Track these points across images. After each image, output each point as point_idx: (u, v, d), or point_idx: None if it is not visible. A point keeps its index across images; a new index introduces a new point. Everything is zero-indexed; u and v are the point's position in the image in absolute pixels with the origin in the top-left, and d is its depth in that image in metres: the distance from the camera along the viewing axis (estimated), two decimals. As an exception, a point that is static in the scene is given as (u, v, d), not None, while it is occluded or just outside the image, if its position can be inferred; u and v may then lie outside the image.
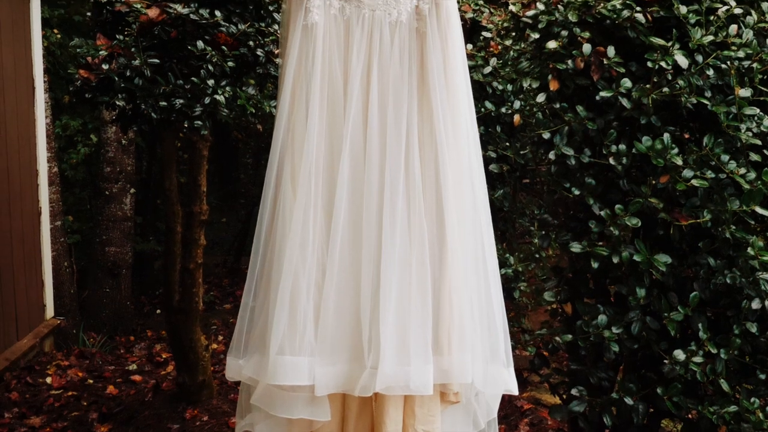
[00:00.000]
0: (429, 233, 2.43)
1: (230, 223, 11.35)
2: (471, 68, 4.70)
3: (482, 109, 4.59)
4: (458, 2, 5.31)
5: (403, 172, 2.40)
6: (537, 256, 4.80)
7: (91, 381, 5.80)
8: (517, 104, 4.26)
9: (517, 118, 3.98)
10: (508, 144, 4.65)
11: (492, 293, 2.52)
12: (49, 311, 6.48)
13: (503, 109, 4.74)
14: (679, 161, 2.99)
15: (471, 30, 5.21)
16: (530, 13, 3.40)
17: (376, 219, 2.39)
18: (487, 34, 4.81)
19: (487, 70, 4.71)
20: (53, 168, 6.94)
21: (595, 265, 3.09)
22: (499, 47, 4.67)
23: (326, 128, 2.44)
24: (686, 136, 3.20)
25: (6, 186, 5.52)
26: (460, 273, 2.44)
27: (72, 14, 8.39)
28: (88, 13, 4.01)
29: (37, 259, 6.19)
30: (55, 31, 8.08)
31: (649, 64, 3.06)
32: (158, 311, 8.72)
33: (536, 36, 3.34)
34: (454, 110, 2.48)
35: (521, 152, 4.27)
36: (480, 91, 4.77)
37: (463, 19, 5.11)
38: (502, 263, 5.04)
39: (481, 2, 5.42)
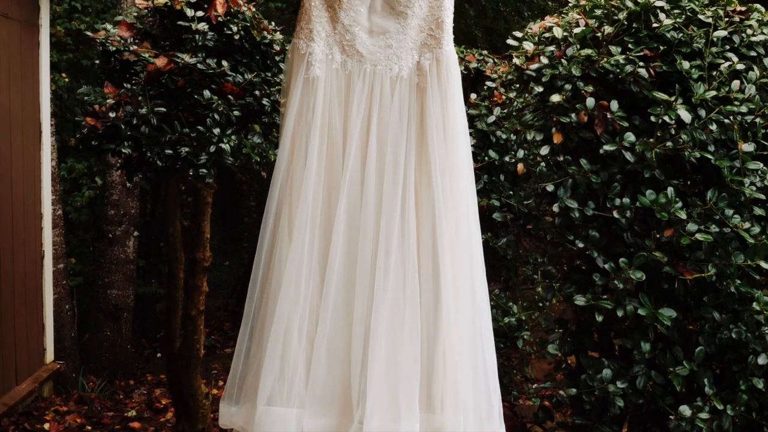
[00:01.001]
0: (424, 288, 2.42)
1: (233, 267, 11.33)
2: (475, 117, 4.74)
3: (486, 158, 4.62)
4: (463, 52, 5.37)
5: (398, 225, 2.40)
6: (541, 304, 4.78)
7: (89, 428, 5.74)
8: (520, 153, 4.30)
9: (520, 167, 4.00)
10: (511, 192, 4.66)
11: (486, 351, 2.51)
12: (49, 355, 6.44)
13: (507, 158, 4.75)
14: (683, 215, 2.99)
15: (475, 79, 5.25)
16: (534, 66, 3.43)
17: (370, 272, 2.40)
18: (491, 84, 4.85)
19: (491, 119, 4.73)
20: (57, 210, 6.95)
21: (599, 318, 3.08)
22: (503, 97, 4.71)
23: (324, 178, 2.46)
24: (692, 188, 3.21)
25: (10, 229, 5.52)
26: (455, 330, 2.42)
27: (80, 59, 8.49)
28: (97, 61, 4.03)
29: (39, 302, 6.16)
30: (64, 75, 8.17)
31: (653, 118, 3.08)
32: (159, 355, 8.65)
33: (540, 89, 3.37)
34: (453, 165, 2.49)
35: (525, 201, 4.28)
36: (484, 140, 4.79)
37: (467, 68, 5.16)
38: (506, 312, 5.02)
39: (485, 52, 5.48)
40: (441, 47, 2.49)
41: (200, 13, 3.72)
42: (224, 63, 3.68)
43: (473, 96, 4.84)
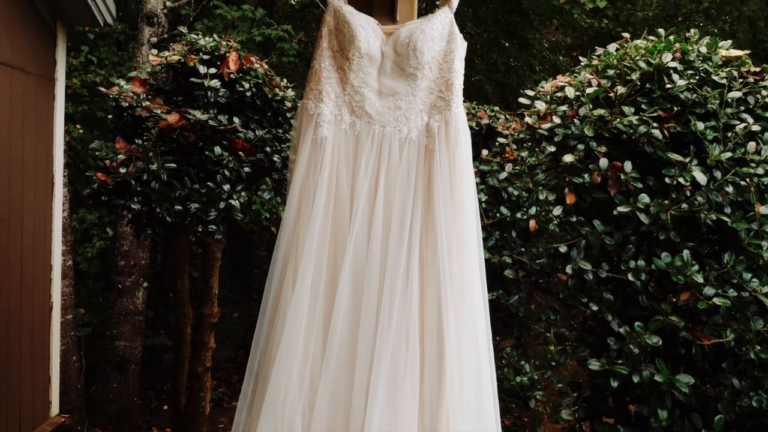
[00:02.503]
0: (427, 352, 2.37)
1: (242, 318, 11.25)
2: (486, 173, 4.71)
3: (497, 215, 4.57)
4: (474, 108, 5.37)
5: (401, 287, 2.36)
6: (553, 363, 4.69)
7: (92, 483, 5.63)
8: (532, 210, 4.25)
9: (532, 223, 3.95)
10: (523, 249, 4.60)
11: (491, 416, 2.44)
12: (55, 408, 6.34)
13: (518, 215, 4.70)
14: (699, 278, 2.93)
15: (486, 135, 5.25)
16: (546, 125, 3.41)
17: (372, 335, 2.35)
18: (503, 140, 4.84)
19: (503, 175, 4.70)
20: (68, 261, 6.94)
21: (614, 384, 2.99)
22: (515, 154, 4.69)
23: (330, 237, 2.43)
24: (708, 250, 3.14)
25: (19, 280, 5.49)
26: (458, 396, 2.36)
27: (95, 110, 8.57)
28: (110, 116, 4.05)
29: (46, 354, 6.10)
30: (78, 126, 8.23)
31: (667, 179, 3.04)
32: (165, 407, 8.55)
33: (552, 148, 3.34)
34: (460, 229, 2.45)
35: (537, 260, 4.22)
36: (495, 196, 4.76)
37: (478, 124, 5.15)
38: (517, 371, 4.92)
39: (497, 108, 5.48)
40: (450, 109, 2.46)
41: (213, 70, 3.74)
42: (236, 119, 3.68)
43: (485, 152, 4.82)
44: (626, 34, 3.75)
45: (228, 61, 3.73)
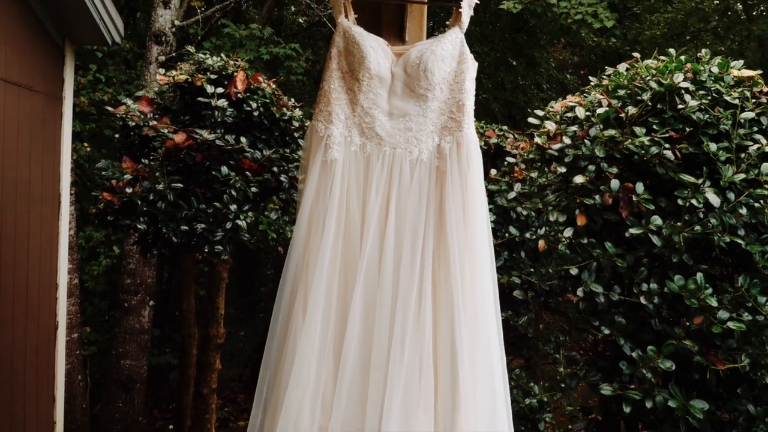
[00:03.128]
0: (441, 377, 2.32)
1: (248, 337, 11.20)
2: (495, 193, 4.67)
3: (506, 234, 4.53)
4: (483, 127, 5.34)
5: (414, 311, 2.32)
6: (563, 384, 4.63)
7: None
8: (541, 230, 4.21)
9: (541, 243, 3.91)
10: (532, 270, 4.56)
11: None
12: (59, 428, 6.29)
13: (527, 234, 4.66)
14: (713, 302, 2.88)
15: (495, 155, 5.21)
16: (556, 146, 3.37)
17: (385, 359, 2.30)
18: (512, 159, 4.80)
19: (512, 195, 4.66)
20: (74, 279, 6.92)
21: (627, 409, 2.94)
22: (524, 173, 4.65)
23: (341, 260, 2.38)
24: (722, 273, 3.09)
25: (24, 300, 5.46)
26: (473, 423, 2.31)
27: (103, 128, 8.58)
28: (117, 135, 4.03)
29: (51, 374, 6.05)
30: (86, 144, 8.24)
31: (680, 201, 2.99)
32: (171, 426, 8.48)
33: (563, 169, 3.30)
34: (472, 250, 2.41)
35: (546, 280, 4.18)
36: (504, 216, 4.71)
37: (487, 144, 5.12)
38: (526, 392, 4.85)
39: (505, 128, 5.45)
40: (462, 130, 2.43)
41: (220, 90, 3.72)
42: (243, 139, 3.66)
43: (493, 171, 4.79)
44: (636, 54, 3.72)
45: (235, 80, 3.71)
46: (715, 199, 2.97)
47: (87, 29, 5.92)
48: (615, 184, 3.09)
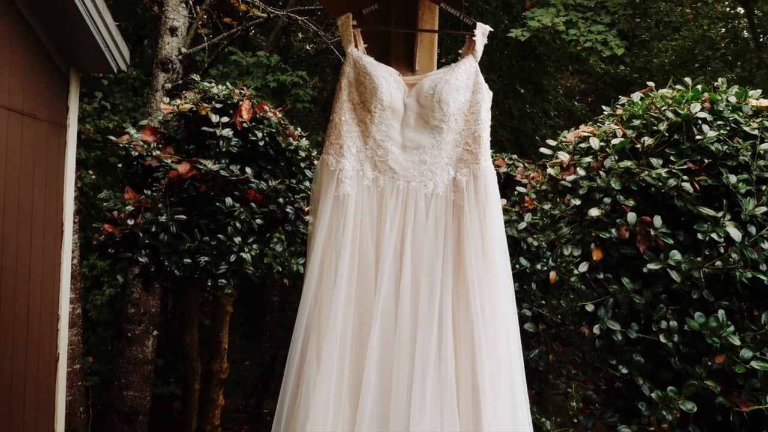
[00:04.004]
0: (463, 425, 2.20)
1: (253, 366, 11.05)
2: (505, 223, 4.57)
3: (517, 266, 4.42)
4: (492, 156, 5.26)
5: (435, 355, 2.20)
6: (575, 420, 4.50)
7: None
8: (552, 261, 4.10)
9: (553, 275, 3.80)
10: (543, 302, 4.44)
11: None
12: (59, 462, 6.16)
13: (538, 266, 4.55)
14: (736, 340, 2.76)
15: (505, 184, 5.12)
16: (570, 177, 3.28)
17: (405, 407, 2.18)
18: (522, 189, 4.71)
19: (522, 225, 4.55)
20: (76, 309, 6.82)
21: (646, 452, 2.81)
22: (534, 202, 4.55)
23: (355, 304, 2.27)
24: (744, 309, 2.98)
25: (25, 331, 5.36)
26: None
27: (108, 156, 8.53)
28: (119, 164, 3.95)
29: (51, 408, 5.93)
30: (91, 172, 8.18)
31: (700, 235, 2.89)
32: (173, 460, 8.34)
33: (577, 202, 3.20)
34: (492, 288, 2.30)
35: (557, 311, 4.07)
36: (514, 247, 4.60)
37: (497, 173, 5.03)
38: (538, 428, 4.71)
39: (515, 156, 5.36)
40: (478, 163, 2.34)
41: (225, 119, 3.64)
42: (248, 169, 3.57)
43: (503, 201, 4.69)
44: (651, 83, 3.64)
45: (241, 109, 3.63)
46: (736, 233, 2.86)
47: (92, 57, 5.87)
48: (632, 217, 2.99)
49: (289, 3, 10.15)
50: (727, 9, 11.29)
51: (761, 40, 9.92)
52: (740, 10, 10.92)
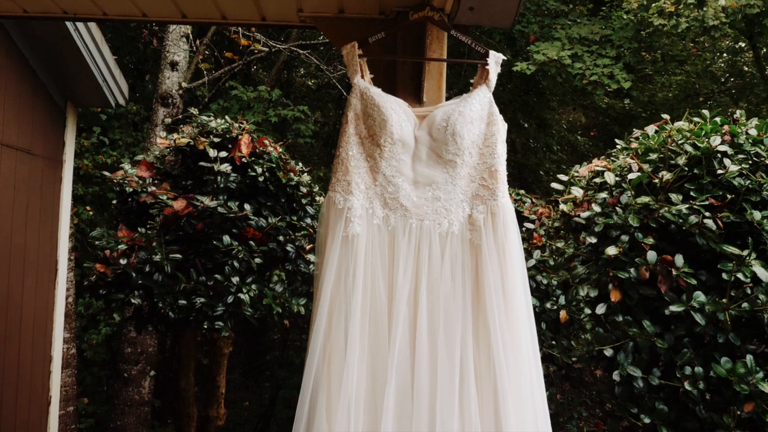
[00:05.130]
0: None
1: (253, 406, 10.80)
2: (513, 261, 4.42)
3: (526, 305, 4.26)
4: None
5: (458, 411, 2.03)
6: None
7: None
8: (562, 299, 3.94)
9: (563, 314, 3.65)
10: (553, 342, 4.27)
11: None
12: None
13: (548, 305, 4.38)
14: (765, 387, 2.58)
15: (512, 220, 4.97)
16: (585, 214, 3.12)
17: None
18: (530, 225, 4.56)
19: (531, 263, 4.40)
20: (71, 349, 6.63)
21: None
22: (543, 239, 4.40)
23: (368, 356, 2.09)
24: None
25: (15, 374, 5.18)
26: None
27: (106, 191, 8.39)
28: (114, 201, 3.80)
29: (42, 452, 5.72)
30: (88, 208, 8.04)
31: (725, 275, 2.72)
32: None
33: (593, 240, 3.04)
34: (514, 334, 2.13)
35: (569, 352, 3.90)
36: (523, 286, 4.44)
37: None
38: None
39: (522, 192, 5.22)
40: (496, 199, 2.18)
41: (224, 154, 3.50)
42: (247, 206, 3.42)
43: (511, 238, 4.54)
44: (666, 116, 3.50)
45: (240, 144, 3.50)
46: (763, 273, 2.70)
47: (90, 91, 5.77)
48: (652, 256, 2.83)
49: (291, 37, 10.10)
50: (729, 42, 11.25)
51: (767, 72, 9.84)
52: (742, 44, 10.88)
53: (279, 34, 10.65)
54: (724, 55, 11.55)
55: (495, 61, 2.29)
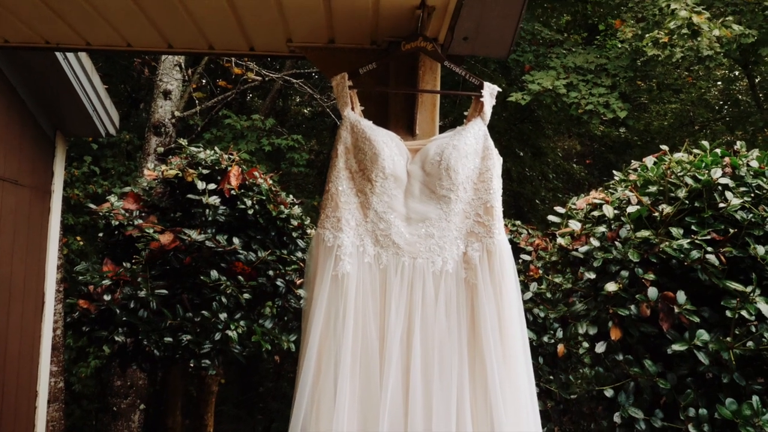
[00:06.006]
0: None
1: (245, 440, 10.62)
2: (510, 294, 4.32)
3: (522, 339, 4.16)
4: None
5: None
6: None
7: None
8: (560, 333, 3.84)
9: (560, 348, 3.54)
10: (551, 377, 4.16)
11: None
12: None
13: (545, 338, 4.28)
14: (773, 430, 2.48)
15: (508, 252, 4.88)
16: (583, 248, 3.04)
17: None
18: (526, 257, 4.47)
19: (527, 296, 4.30)
20: (59, 383, 6.48)
21: None
22: (539, 271, 4.31)
23: (359, 402, 1.99)
24: None
25: (-1, 409, 5.04)
26: None
27: (98, 221, 8.28)
28: (100, 234, 3.70)
29: (26, 492, 5.56)
30: (78, 238, 7.93)
31: (728, 313, 2.63)
32: None
33: (591, 275, 2.95)
34: (512, 375, 2.04)
35: (568, 390, 3.78)
36: (520, 319, 4.34)
37: (500, 241, 4.79)
38: None
39: (518, 222, 5.13)
40: (492, 236, 2.10)
41: (212, 186, 3.42)
42: (235, 240, 3.33)
43: (507, 271, 4.44)
44: (664, 147, 3.43)
45: (229, 175, 3.41)
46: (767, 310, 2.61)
47: (80, 121, 5.69)
48: (653, 292, 2.74)
49: (286, 66, 10.07)
50: (724, 71, 11.26)
51: (762, 100, 9.84)
52: (737, 72, 10.90)
53: (273, 63, 10.62)
54: (719, 83, 11.55)
55: (490, 92, 2.22)
